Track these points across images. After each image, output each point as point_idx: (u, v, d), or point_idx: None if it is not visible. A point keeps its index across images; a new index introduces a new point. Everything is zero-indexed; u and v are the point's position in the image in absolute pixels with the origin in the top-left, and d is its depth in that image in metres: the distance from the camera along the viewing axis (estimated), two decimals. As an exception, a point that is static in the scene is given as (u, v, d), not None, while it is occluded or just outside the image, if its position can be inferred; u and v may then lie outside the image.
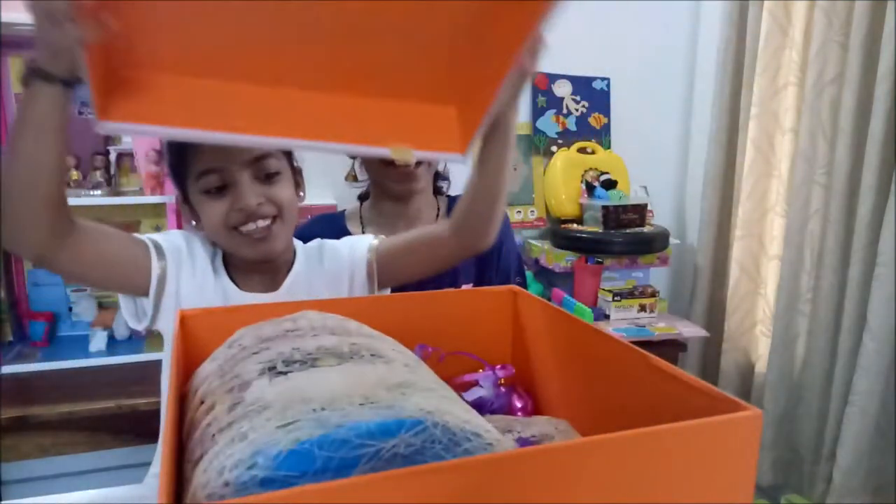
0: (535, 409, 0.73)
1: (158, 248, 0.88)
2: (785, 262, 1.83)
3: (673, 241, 2.05)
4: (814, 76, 1.73)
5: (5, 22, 1.48)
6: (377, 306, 0.72)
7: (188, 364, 0.57)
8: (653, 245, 1.94)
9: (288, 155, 0.93)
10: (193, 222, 0.92)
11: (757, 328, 2.05)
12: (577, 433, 0.63)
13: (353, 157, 1.19)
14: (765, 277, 2.01)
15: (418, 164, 1.13)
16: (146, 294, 0.87)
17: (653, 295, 1.91)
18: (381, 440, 0.36)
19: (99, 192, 1.55)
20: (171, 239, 0.91)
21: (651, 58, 2.21)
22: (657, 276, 2.17)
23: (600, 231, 1.92)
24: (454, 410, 0.40)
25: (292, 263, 0.96)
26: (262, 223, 0.86)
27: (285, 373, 0.43)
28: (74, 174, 1.56)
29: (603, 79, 2.17)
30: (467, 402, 0.65)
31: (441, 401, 0.41)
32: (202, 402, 0.47)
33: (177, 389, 0.50)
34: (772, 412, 1.88)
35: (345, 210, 1.29)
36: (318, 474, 0.34)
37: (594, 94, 2.16)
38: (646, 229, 1.96)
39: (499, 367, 0.74)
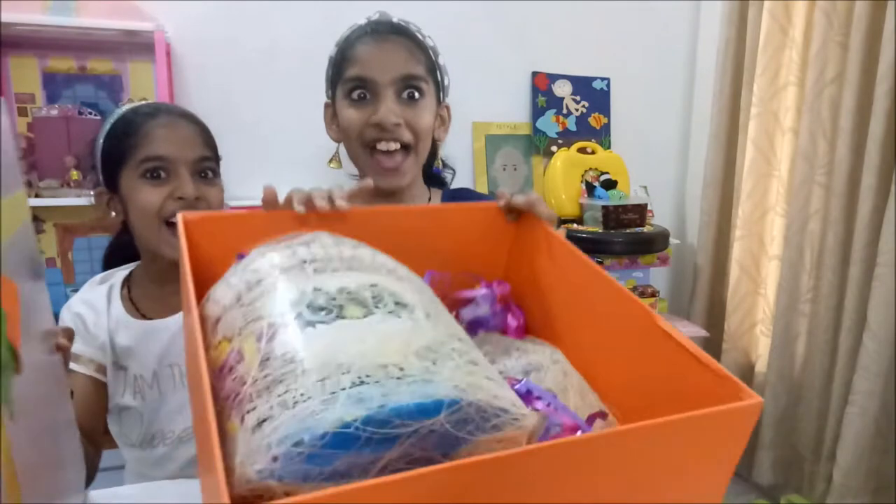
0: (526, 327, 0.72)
1: (77, 358, 0.92)
2: (785, 262, 1.83)
3: (673, 241, 2.05)
4: (814, 76, 1.73)
5: (5, 22, 1.48)
6: (373, 218, 0.69)
7: (196, 277, 0.54)
8: (653, 245, 1.94)
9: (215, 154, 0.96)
10: (113, 213, 0.94)
11: (757, 328, 2.05)
12: (570, 364, 0.62)
13: (338, 142, 1.13)
14: (765, 277, 2.01)
15: (404, 156, 1.05)
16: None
17: (653, 295, 1.91)
18: (420, 420, 0.38)
19: (99, 192, 1.55)
20: (73, 328, 0.93)
21: (651, 58, 2.21)
22: (657, 276, 2.17)
23: (600, 231, 1.92)
24: (483, 384, 0.42)
25: None
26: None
27: (313, 323, 0.43)
28: (74, 174, 1.56)
29: (603, 79, 2.17)
30: (466, 320, 0.66)
31: (471, 373, 0.42)
32: (227, 341, 0.46)
33: (197, 313, 0.48)
34: (772, 412, 1.88)
35: None
36: (360, 450, 0.37)
37: (594, 94, 2.16)
38: (646, 229, 1.96)
39: (495, 283, 0.72)
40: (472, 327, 0.67)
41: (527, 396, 0.53)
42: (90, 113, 1.63)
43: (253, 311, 0.46)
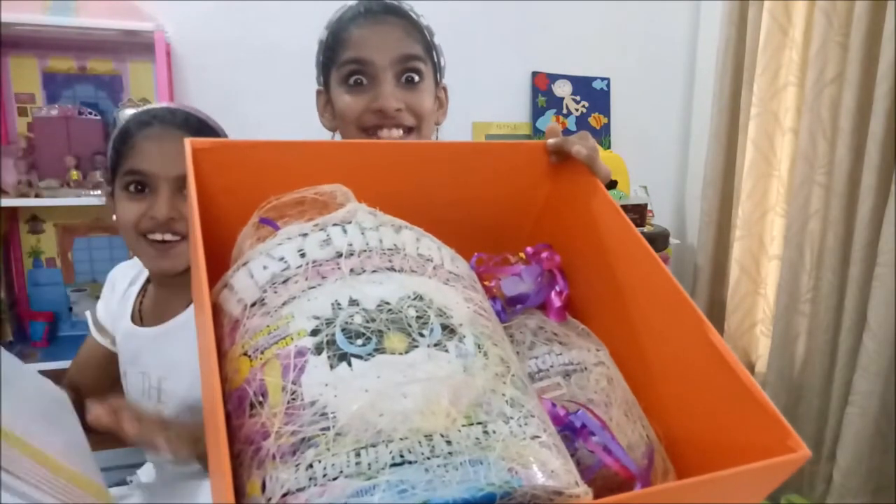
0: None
1: (98, 326, 1.01)
2: (785, 262, 1.83)
3: (673, 241, 2.05)
4: (814, 76, 1.73)
5: (5, 22, 1.48)
6: (404, 151, 0.65)
7: (206, 211, 0.50)
8: (652, 245, 1.90)
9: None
10: (115, 217, 0.94)
11: (757, 328, 2.05)
12: (615, 367, 0.59)
13: (332, 131, 1.10)
14: (765, 277, 2.01)
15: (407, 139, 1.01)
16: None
17: (653, 295, 1.91)
18: None
19: (99, 191, 1.55)
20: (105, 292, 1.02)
21: (651, 58, 2.21)
22: (657, 276, 2.17)
23: (600, 231, 1.91)
24: (538, 455, 0.38)
25: None
26: (169, 237, 0.87)
27: (348, 357, 0.39)
28: (74, 174, 1.56)
29: (603, 79, 2.17)
30: (507, 294, 0.62)
31: (524, 440, 0.39)
32: (247, 359, 0.41)
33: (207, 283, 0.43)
34: (772, 412, 1.87)
35: None
36: None
37: (594, 94, 2.16)
38: (646, 229, 1.96)
39: (545, 253, 0.66)
40: (513, 302, 0.63)
41: (581, 430, 0.50)
42: (90, 113, 1.63)
43: (278, 323, 0.42)
